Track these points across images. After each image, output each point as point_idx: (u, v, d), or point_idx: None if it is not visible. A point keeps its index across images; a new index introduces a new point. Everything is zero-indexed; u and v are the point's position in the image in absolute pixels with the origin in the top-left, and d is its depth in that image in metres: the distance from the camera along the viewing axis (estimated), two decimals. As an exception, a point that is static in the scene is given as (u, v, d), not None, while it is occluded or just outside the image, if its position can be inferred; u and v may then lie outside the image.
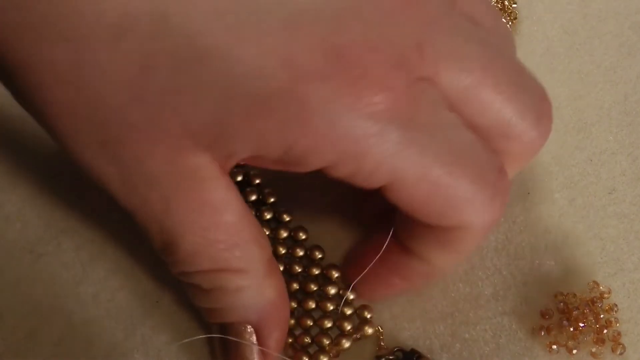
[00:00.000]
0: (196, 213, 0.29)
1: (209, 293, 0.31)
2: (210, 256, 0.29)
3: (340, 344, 0.34)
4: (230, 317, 0.31)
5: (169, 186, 0.28)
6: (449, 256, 0.33)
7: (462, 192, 0.30)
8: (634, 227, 0.39)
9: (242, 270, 0.30)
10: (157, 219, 0.29)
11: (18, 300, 0.36)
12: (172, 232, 0.29)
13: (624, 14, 0.45)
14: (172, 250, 0.29)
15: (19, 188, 0.38)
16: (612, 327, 0.36)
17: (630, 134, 0.42)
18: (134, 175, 0.28)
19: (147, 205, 0.28)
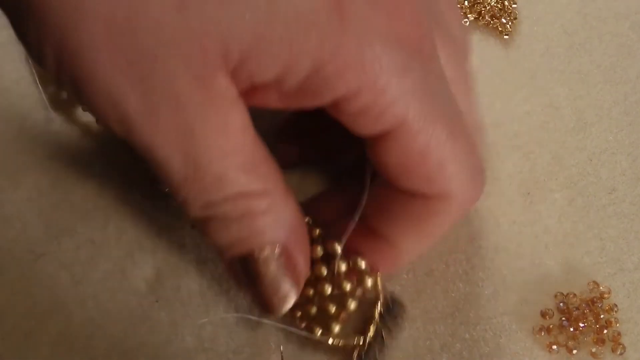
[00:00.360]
0: (222, 136, 0.28)
1: (236, 221, 0.29)
2: (237, 179, 0.28)
3: (346, 307, 0.33)
4: (258, 241, 0.30)
5: (195, 109, 0.27)
6: (419, 238, 0.33)
7: (455, 159, 0.30)
8: (634, 227, 0.39)
9: (266, 191, 0.29)
10: (181, 146, 0.27)
11: (18, 300, 0.36)
12: (197, 158, 0.27)
13: (624, 14, 0.45)
14: (198, 178, 0.28)
15: (19, 188, 0.38)
16: (612, 327, 0.36)
17: (630, 134, 0.42)
18: (160, 97, 0.26)
19: (170, 132, 0.27)
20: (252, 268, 0.30)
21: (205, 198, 0.29)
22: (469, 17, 0.44)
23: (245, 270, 0.30)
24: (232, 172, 0.28)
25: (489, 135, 0.41)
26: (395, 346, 0.36)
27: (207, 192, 0.28)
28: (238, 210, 0.29)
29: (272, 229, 0.30)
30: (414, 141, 0.29)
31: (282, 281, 0.30)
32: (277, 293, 0.31)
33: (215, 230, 0.30)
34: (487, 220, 0.39)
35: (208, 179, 0.28)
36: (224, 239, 0.30)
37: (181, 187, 0.28)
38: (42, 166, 0.39)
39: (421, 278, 0.38)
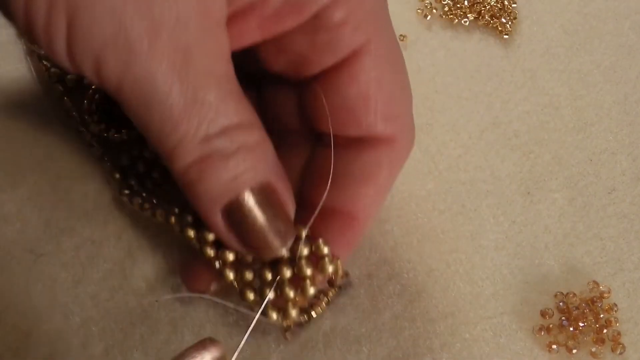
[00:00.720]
0: (217, 62, 0.28)
1: (232, 156, 0.29)
2: (233, 109, 0.29)
3: (306, 292, 0.32)
4: (252, 178, 0.30)
5: (194, 31, 0.27)
6: (372, 196, 0.33)
7: (402, 94, 0.33)
8: (634, 227, 0.39)
9: (255, 124, 0.30)
10: (180, 72, 0.27)
11: (17, 299, 0.36)
12: (196, 84, 0.28)
13: (624, 14, 0.45)
14: (197, 108, 0.28)
15: (19, 188, 0.38)
16: (612, 327, 0.36)
17: (630, 134, 0.42)
18: (161, 19, 0.27)
19: (170, 55, 0.27)
20: (244, 214, 0.30)
21: (204, 131, 0.28)
22: (469, 17, 0.44)
23: (237, 220, 0.30)
24: (228, 100, 0.29)
25: (489, 135, 0.41)
26: (396, 345, 0.36)
27: (207, 123, 0.28)
28: (235, 142, 0.29)
29: (263, 165, 0.30)
30: (374, 66, 0.31)
31: (276, 219, 0.30)
32: (274, 232, 0.30)
33: (212, 170, 0.29)
34: (488, 219, 0.39)
35: (206, 107, 0.28)
36: (219, 180, 0.30)
37: (180, 122, 0.28)
38: (42, 166, 0.39)
39: (421, 278, 0.38)
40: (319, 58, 0.32)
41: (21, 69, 0.41)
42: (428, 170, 0.40)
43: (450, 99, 0.42)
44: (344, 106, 0.32)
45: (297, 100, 0.35)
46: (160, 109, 0.28)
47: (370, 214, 0.34)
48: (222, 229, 0.30)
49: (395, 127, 0.33)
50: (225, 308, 0.36)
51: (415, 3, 0.45)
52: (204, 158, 0.29)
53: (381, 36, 0.32)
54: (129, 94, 0.28)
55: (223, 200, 0.30)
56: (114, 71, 0.27)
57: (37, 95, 0.40)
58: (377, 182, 0.33)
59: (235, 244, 0.31)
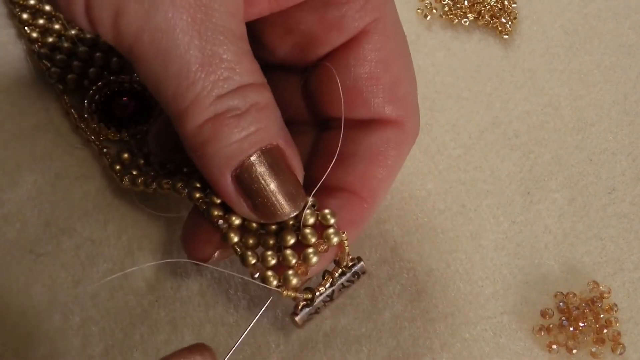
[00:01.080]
0: (234, 20, 0.28)
1: (245, 115, 0.29)
2: (247, 68, 0.29)
3: (308, 260, 0.31)
4: (263, 140, 0.30)
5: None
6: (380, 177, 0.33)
7: (408, 77, 0.34)
8: (633, 227, 0.39)
9: (265, 84, 0.30)
10: (199, 26, 0.27)
11: (17, 299, 0.36)
12: (214, 40, 0.28)
13: (624, 14, 0.45)
14: (214, 65, 0.28)
15: (19, 187, 0.38)
16: (612, 327, 0.36)
17: (630, 134, 0.42)
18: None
19: (190, 11, 0.27)
20: (255, 177, 0.30)
21: (220, 88, 0.28)
22: (469, 17, 0.44)
23: (247, 183, 0.30)
24: (244, 58, 0.29)
25: (489, 135, 0.41)
26: (396, 345, 0.36)
27: (223, 80, 0.28)
28: (248, 101, 0.29)
29: (274, 125, 0.30)
30: (382, 47, 0.32)
31: (286, 182, 0.30)
32: (284, 195, 0.30)
33: (225, 129, 0.29)
34: (487, 219, 0.39)
35: (224, 65, 0.28)
36: (231, 140, 0.29)
37: (198, 78, 0.28)
38: (42, 166, 0.39)
39: (421, 277, 0.38)
40: (327, 37, 0.32)
41: (21, 69, 0.41)
42: (428, 170, 0.40)
43: (450, 99, 0.42)
44: (353, 87, 0.32)
45: (300, 88, 0.35)
46: (177, 63, 0.28)
47: (378, 196, 0.34)
48: (232, 193, 0.30)
49: (402, 109, 0.33)
50: (226, 308, 0.37)
51: (415, 3, 0.45)
52: (217, 116, 0.29)
53: (388, 15, 0.32)
54: (147, 46, 0.27)
55: (234, 162, 0.29)
56: (134, 21, 0.27)
57: (37, 95, 0.40)
58: (385, 163, 0.33)
59: (245, 209, 0.30)
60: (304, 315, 0.33)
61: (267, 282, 0.31)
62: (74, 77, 0.40)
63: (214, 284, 0.37)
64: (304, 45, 0.33)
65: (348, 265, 0.33)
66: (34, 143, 0.39)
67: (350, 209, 0.33)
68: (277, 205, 0.30)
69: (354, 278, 0.33)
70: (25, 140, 0.39)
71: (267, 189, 0.30)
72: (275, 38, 0.33)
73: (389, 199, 0.39)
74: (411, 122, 0.34)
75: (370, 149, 0.33)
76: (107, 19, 0.27)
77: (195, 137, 0.29)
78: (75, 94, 0.40)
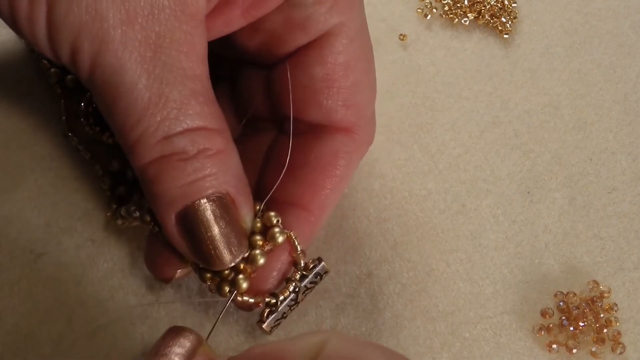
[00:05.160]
0: (186, 58, 0.28)
1: (192, 160, 0.29)
2: (198, 110, 0.29)
3: (255, 261, 0.31)
4: (211, 185, 0.29)
5: (168, 23, 0.27)
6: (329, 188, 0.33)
7: (366, 86, 0.34)
8: (633, 227, 0.39)
9: (222, 130, 0.30)
10: (149, 64, 0.27)
11: (18, 299, 0.36)
12: (162, 80, 0.28)
13: (624, 14, 0.45)
14: (161, 104, 0.28)
15: (20, 188, 0.38)
16: (612, 327, 0.36)
17: (630, 134, 0.42)
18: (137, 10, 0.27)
19: (140, 49, 0.27)
20: (198, 223, 0.30)
21: (166, 129, 0.28)
22: (469, 17, 0.44)
23: (190, 227, 0.30)
24: (193, 100, 0.28)
25: (489, 134, 0.41)
26: (396, 345, 0.36)
27: (169, 121, 0.28)
28: (196, 145, 0.29)
29: (224, 174, 0.30)
30: (343, 51, 0.32)
31: (230, 231, 0.30)
32: (225, 244, 0.30)
33: (170, 172, 0.29)
34: (488, 219, 0.39)
35: (170, 105, 0.28)
36: (177, 183, 0.29)
37: (143, 116, 0.28)
38: (42, 166, 0.39)
39: (421, 277, 0.38)
40: (292, 37, 0.32)
41: (21, 69, 0.41)
42: (428, 170, 0.40)
43: (450, 99, 0.42)
44: (308, 87, 0.33)
45: (266, 86, 0.35)
46: (125, 100, 0.28)
47: (326, 207, 0.34)
48: (174, 233, 0.30)
49: (355, 116, 0.33)
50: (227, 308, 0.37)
51: (415, 3, 0.45)
52: (163, 158, 0.29)
53: (354, 21, 0.32)
54: (99, 82, 0.28)
55: (178, 205, 0.29)
56: (88, 58, 0.27)
57: (37, 95, 0.40)
58: (334, 173, 0.33)
59: (185, 250, 0.30)
60: (270, 322, 0.33)
61: (222, 291, 0.32)
62: (73, 77, 0.40)
63: (214, 283, 0.37)
64: (270, 44, 0.33)
65: (309, 267, 0.33)
66: (34, 143, 0.39)
67: (298, 224, 0.33)
68: (215, 253, 0.30)
69: (316, 279, 0.34)
70: (25, 140, 0.39)
71: (208, 236, 0.30)
72: (243, 37, 0.33)
73: (389, 198, 0.39)
74: (363, 130, 0.34)
75: (320, 159, 0.33)
76: (65, 55, 0.28)
77: (143, 174, 0.29)
78: (74, 96, 0.40)
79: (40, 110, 0.40)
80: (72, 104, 0.40)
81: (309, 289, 0.34)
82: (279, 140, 0.35)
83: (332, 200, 0.34)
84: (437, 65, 0.43)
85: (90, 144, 0.39)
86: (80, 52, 0.27)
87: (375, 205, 0.39)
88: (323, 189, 0.33)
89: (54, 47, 0.28)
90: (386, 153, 0.41)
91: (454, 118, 0.42)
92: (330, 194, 0.34)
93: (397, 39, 0.44)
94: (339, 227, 0.39)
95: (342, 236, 0.38)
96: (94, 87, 0.28)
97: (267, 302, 0.33)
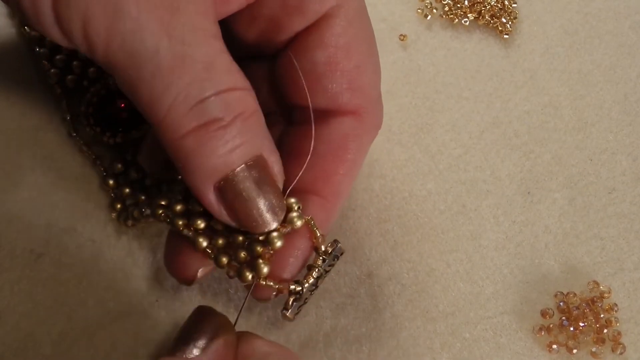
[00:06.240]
0: (205, 18, 0.28)
1: (229, 126, 0.28)
2: (224, 69, 0.28)
3: (272, 243, 0.31)
4: (248, 153, 0.29)
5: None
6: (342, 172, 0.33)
7: (370, 68, 0.33)
8: (633, 227, 0.39)
9: (247, 88, 0.29)
10: (168, 27, 0.27)
11: (18, 299, 0.36)
12: (183, 40, 0.27)
13: (624, 14, 0.45)
14: (187, 66, 0.27)
15: (20, 188, 0.38)
16: (612, 327, 0.36)
17: (630, 134, 0.42)
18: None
19: (157, 12, 0.26)
20: (238, 190, 0.29)
21: (197, 92, 0.27)
22: (469, 17, 0.44)
23: (230, 196, 0.29)
24: (219, 59, 0.28)
25: (489, 135, 0.41)
26: (396, 345, 0.36)
27: (199, 83, 0.27)
28: (231, 110, 0.28)
29: (258, 137, 0.29)
30: (343, 33, 0.32)
31: (268, 193, 0.30)
32: (266, 207, 0.30)
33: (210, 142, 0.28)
34: (488, 219, 0.39)
35: (197, 65, 0.27)
36: (218, 153, 0.28)
37: (171, 81, 0.27)
38: (43, 166, 0.39)
39: (422, 277, 0.38)
40: (289, 21, 0.32)
41: (21, 69, 0.41)
42: (428, 170, 0.40)
43: (451, 99, 0.42)
44: (312, 72, 0.32)
45: (270, 79, 0.35)
46: (149, 66, 0.27)
47: (341, 192, 0.34)
48: (215, 205, 0.30)
49: (361, 98, 0.33)
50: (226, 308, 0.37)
51: (415, 3, 0.45)
52: (201, 127, 0.28)
53: (352, 3, 0.32)
54: (119, 51, 0.27)
55: (217, 175, 0.29)
56: (102, 28, 0.26)
57: (38, 95, 0.40)
58: (345, 157, 0.33)
59: (227, 219, 0.30)
60: (294, 309, 0.33)
61: (243, 276, 0.31)
62: (73, 77, 0.40)
63: (214, 283, 0.37)
64: (269, 31, 0.33)
65: (328, 251, 0.33)
66: (34, 143, 0.39)
67: (313, 211, 0.33)
68: (259, 218, 0.30)
69: (334, 262, 0.34)
70: (26, 141, 0.39)
71: (249, 202, 0.29)
72: (242, 27, 0.33)
73: (389, 198, 0.39)
74: (371, 112, 0.34)
75: (329, 143, 0.33)
76: (77, 30, 0.27)
77: (178, 148, 0.28)
78: (74, 96, 0.40)
79: (40, 110, 0.40)
80: (73, 104, 0.40)
81: (327, 272, 0.33)
82: (288, 132, 0.35)
83: (346, 185, 0.34)
84: (437, 65, 0.43)
85: (93, 145, 0.39)
86: (93, 24, 0.26)
87: (375, 206, 0.39)
88: (336, 174, 0.33)
89: (63, 24, 0.27)
90: (386, 153, 0.41)
91: (454, 118, 0.42)
92: (343, 179, 0.33)
93: (397, 39, 0.44)
94: (339, 227, 0.39)
95: (342, 236, 0.38)
96: (112, 62, 0.27)
97: (292, 290, 0.32)
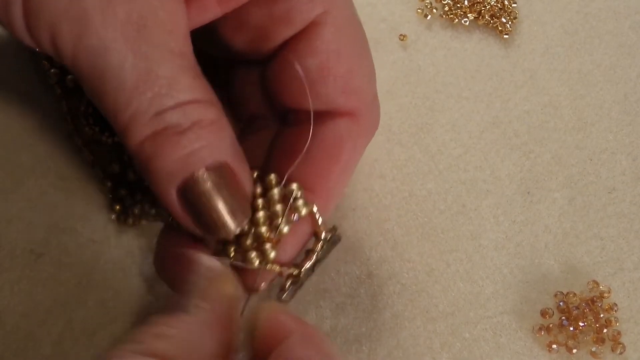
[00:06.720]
0: (170, 36, 0.28)
1: (187, 132, 0.29)
2: (187, 84, 0.28)
3: (279, 230, 0.31)
4: (208, 155, 0.29)
5: (149, 3, 0.27)
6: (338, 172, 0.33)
7: (362, 70, 0.33)
8: (633, 227, 0.39)
9: (213, 101, 0.30)
10: (133, 44, 0.27)
11: (18, 299, 0.36)
12: (149, 57, 0.28)
13: (624, 14, 0.45)
14: (150, 81, 0.28)
15: (20, 188, 0.38)
16: (612, 327, 0.36)
17: (630, 134, 0.42)
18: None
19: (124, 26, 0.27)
20: (199, 193, 0.29)
21: (158, 105, 0.28)
22: (469, 17, 0.44)
23: (192, 199, 0.30)
24: (182, 75, 0.28)
25: (489, 134, 0.42)
26: (396, 345, 0.36)
27: (160, 97, 0.28)
28: (189, 118, 0.29)
29: (219, 143, 0.30)
30: (333, 39, 0.32)
31: (232, 199, 0.30)
32: (228, 212, 0.30)
33: (166, 146, 0.29)
34: (488, 219, 0.39)
35: (160, 82, 0.28)
36: (174, 157, 0.29)
37: (134, 96, 0.28)
38: (43, 166, 0.39)
39: (421, 277, 0.38)
40: (277, 30, 0.32)
41: (21, 69, 0.41)
42: (428, 170, 0.40)
43: (451, 99, 0.42)
44: (305, 78, 0.32)
45: (262, 83, 0.35)
46: (113, 81, 0.28)
47: (333, 194, 0.34)
48: (177, 207, 0.30)
49: (356, 100, 0.33)
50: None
51: (415, 3, 0.45)
52: (158, 133, 0.29)
53: (339, 8, 0.32)
54: (84, 65, 0.27)
55: (178, 178, 0.29)
56: (69, 42, 0.27)
57: (38, 96, 0.40)
58: (340, 157, 0.33)
59: (189, 223, 0.30)
60: (290, 292, 0.33)
61: (250, 261, 0.31)
62: (73, 77, 0.40)
63: (214, 283, 0.37)
64: (257, 40, 0.33)
65: (327, 237, 0.33)
66: (35, 144, 0.39)
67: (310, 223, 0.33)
68: (219, 222, 0.30)
69: (332, 248, 0.34)
70: (26, 141, 0.39)
71: (211, 205, 0.30)
72: (229, 34, 0.33)
73: (389, 198, 0.39)
74: (366, 114, 0.34)
75: (324, 143, 0.33)
76: (45, 40, 0.27)
77: (138, 153, 0.29)
78: (74, 96, 0.40)
79: (40, 110, 0.40)
80: (72, 104, 0.40)
81: (324, 258, 0.34)
82: (282, 133, 0.35)
83: (340, 185, 0.34)
84: (437, 65, 0.43)
85: (91, 145, 0.39)
86: (60, 37, 0.27)
87: (375, 206, 0.39)
88: (330, 173, 0.33)
89: (32, 32, 0.27)
90: (386, 153, 0.41)
91: (454, 118, 0.42)
92: (338, 179, 0.34)
93: (397, 39, 0.44)
94: (339, 227, 0.39)
95: (342, 236, 0.38)
96: (79, 73, 0.28)
97: (290, 273, 0.33)
